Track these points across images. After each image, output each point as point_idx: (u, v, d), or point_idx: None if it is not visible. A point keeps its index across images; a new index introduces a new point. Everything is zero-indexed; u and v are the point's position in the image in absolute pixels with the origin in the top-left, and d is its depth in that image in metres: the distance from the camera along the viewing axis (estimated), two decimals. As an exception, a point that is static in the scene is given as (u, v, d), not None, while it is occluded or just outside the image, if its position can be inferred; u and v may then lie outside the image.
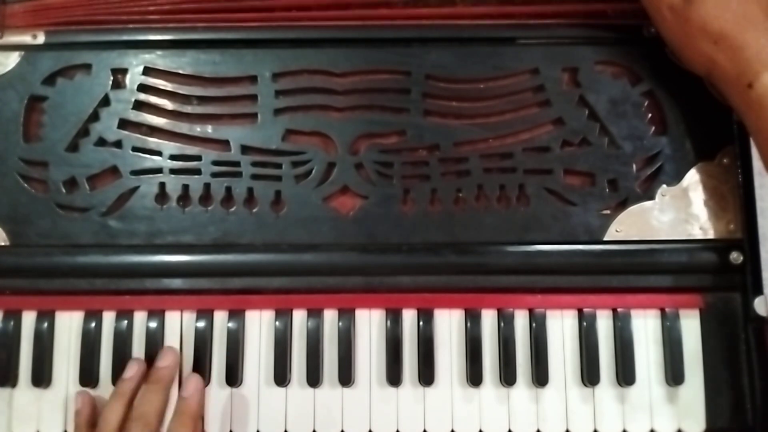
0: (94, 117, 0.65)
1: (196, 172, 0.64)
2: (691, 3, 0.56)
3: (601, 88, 0.65)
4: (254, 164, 0.64)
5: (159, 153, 0.65)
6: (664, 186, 0.64)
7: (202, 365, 0.63)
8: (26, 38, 0.66)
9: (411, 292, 0.64)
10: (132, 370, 0.61)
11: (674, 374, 0.62)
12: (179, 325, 0.64)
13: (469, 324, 0.63)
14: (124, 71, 0.66)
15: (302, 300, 0.64)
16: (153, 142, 0.65)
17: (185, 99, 0.66)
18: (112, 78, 0.65)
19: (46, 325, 0.63)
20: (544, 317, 0.63)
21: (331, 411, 0.63)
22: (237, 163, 0.64)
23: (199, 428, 0.60)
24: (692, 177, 0.64)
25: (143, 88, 0.65)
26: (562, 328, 0.64)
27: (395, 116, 0.65)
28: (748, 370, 0.62)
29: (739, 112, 0.59)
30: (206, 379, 0.62)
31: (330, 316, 0.64)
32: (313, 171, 0.64)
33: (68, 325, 0.64)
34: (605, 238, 0.63)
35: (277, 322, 0.63)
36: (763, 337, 0.62)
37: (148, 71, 0.66)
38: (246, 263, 0.63)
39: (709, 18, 0.56)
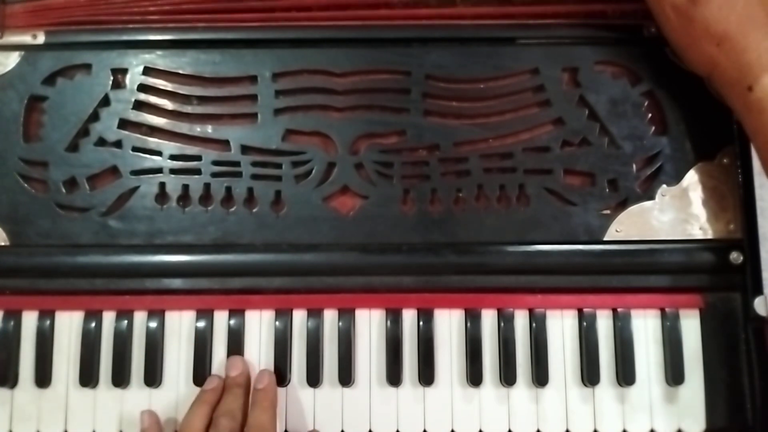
0: (94, 117, 0.65)
1: (196, 172, 0.64)
2: (695, 4, 0.56)
3: (601, 88, 0.65)
4: (254, 164, 0.64)
5: (159, 153, 0.65)
6: (664, 186, 0.64)
7: (201, 365, 0.63)
8: (26, 38, 0.66)
9: (411, 292, 0.64)
10: (213, 383, 0.61)
11: (674, 374, 0.62)
12: (179, 325, 0.64)
13: (469, 324, 0.63)
14: (124, 71, 0.66)
15: (302, 300, 0.64)
16: (153, 142, 0.65)
17: (185, 99, 0.66)
18: (112, 78, 0.65)
19: (46, 325, 0.63)
20: (544, 317, 0.64)
21: (331, 411, 0.63)
22: (237, 163, 0.64)
23: (276, 416, 0.60)
24: (692, 177, 0.64)
25: (143, 88, 0.65)
26: (562, 328, 0.64)
27: (395, 116, 0.65)
28: (748, 370, 0.62)
29: (738, 115, 0.59)
30: (207, 378, 0.62)
31: (330, 316, 0.64)
32: (313, 171, 0.64)
33: (68, 325, 0.64)
34: (605, 238, 0.63)
35: (277, 322, 0.63)
36: (763, 337, 0.62)
37: (148, 71, 0.66)
38: (246, 263, 0.63)
39: (713, 19, 0.56)
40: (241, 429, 0.58)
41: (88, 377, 0.63)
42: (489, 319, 0.64)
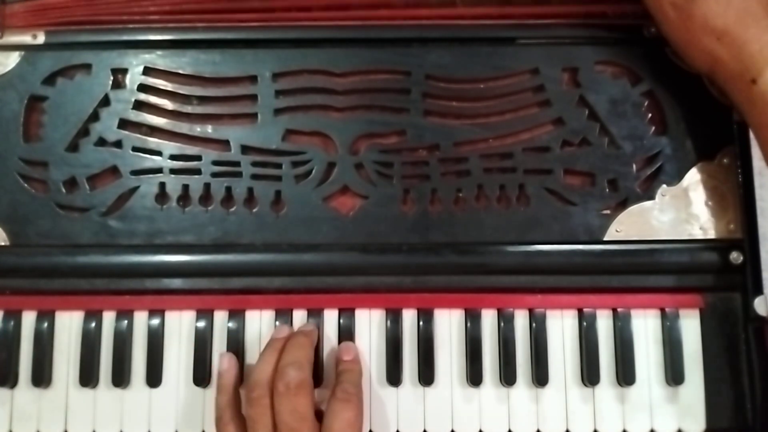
0: (94, 117, 0.65)
1: (196, 172, 0.64)
2: (693, 0, 0.56)
3: (601, 88, 0.65)
4: (254, 164, 0.64)
5: (159, 153, 0.65)
6: (664, 186, 0.64)
7: (201, 365, 0.63)
8: (26, 38, 0.66)
9: (411, 292, 0.63)
10: (283, 332, 0.61)
11: (674, 374, 0.62)
12: (179, 325, 0.64)
13: (469, 324, 0.63)
14: (124, 71, 0.66)
15: (302, 300, 0.64)
16: (153, 142, 0.65)
17: (185, 99, 0.66)
18: (112, 78, 0.65)
19: (46, 325, 0.63)
20: (544, 317, 0.63)
21: (331, 411, 0.63)
22: (237, 163, 0.64)
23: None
24: (692, 177, 0.64)
25: (143, 88, 0.65)
26: (562, 328, 0.64)
27: (395, 116, 0.65)
28: (748, 370, 0.62)
29: (741, 109, 0.59)
30: (206, 378, 0.63)
31: (330, 316, 0.64)
32: (313, 171, 0.64)
33: (68, 325, 0.64)
34: (605, 238, 0.63)
35: (277, 322, 0.63)
36: (763, 337, 0.62)
37: (148, 71, 0.66)
38: (246, 263, 0.63)
39: (711, 14, 0.56)
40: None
41: (88, 377, 0.63)
42: (489, 319, 0.64)
